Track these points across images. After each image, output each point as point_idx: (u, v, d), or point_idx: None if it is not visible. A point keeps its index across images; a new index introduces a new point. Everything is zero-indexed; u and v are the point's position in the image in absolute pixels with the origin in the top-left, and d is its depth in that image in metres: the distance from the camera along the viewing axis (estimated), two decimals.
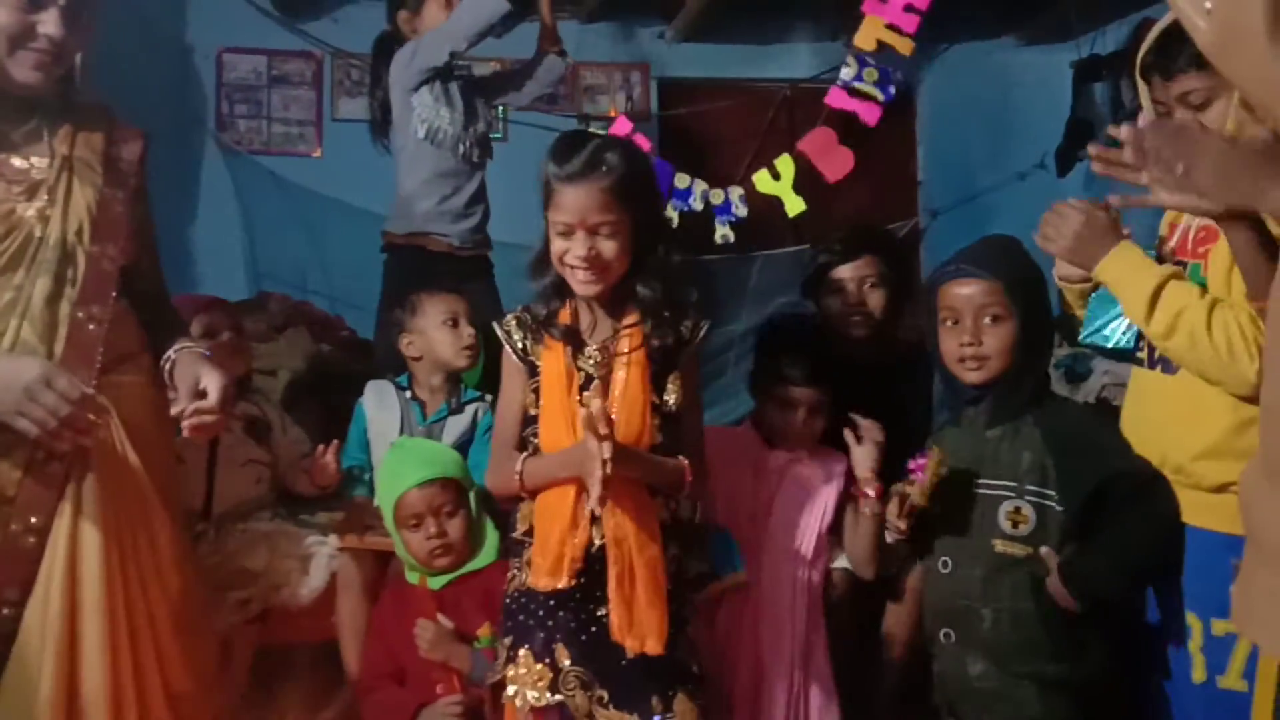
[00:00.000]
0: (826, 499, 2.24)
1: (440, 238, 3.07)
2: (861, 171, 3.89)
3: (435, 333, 2.54)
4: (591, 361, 1.91)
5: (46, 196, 1.67)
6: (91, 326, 1.66)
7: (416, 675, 2.17)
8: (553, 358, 1.91)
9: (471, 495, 2.26)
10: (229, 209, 4.29)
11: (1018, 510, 1.99)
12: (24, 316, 1.62)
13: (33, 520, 1.60)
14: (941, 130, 5.08)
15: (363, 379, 2.66)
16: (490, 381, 2.50)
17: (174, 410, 1.68)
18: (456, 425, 2.53)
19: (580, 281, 1.83)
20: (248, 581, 2.30)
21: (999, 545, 1.92)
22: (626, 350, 1.87)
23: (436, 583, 2.20)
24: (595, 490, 1.71)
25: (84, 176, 1.72)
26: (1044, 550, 1.94)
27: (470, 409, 2.56)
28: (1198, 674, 2.00)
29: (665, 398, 1.92)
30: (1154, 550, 1.91)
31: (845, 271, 2.56)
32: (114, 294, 1.70)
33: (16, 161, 1.68)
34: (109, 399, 1.66)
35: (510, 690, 1.81)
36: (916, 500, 2.01)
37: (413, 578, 2.23)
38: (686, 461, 1.91)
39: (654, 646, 1.86)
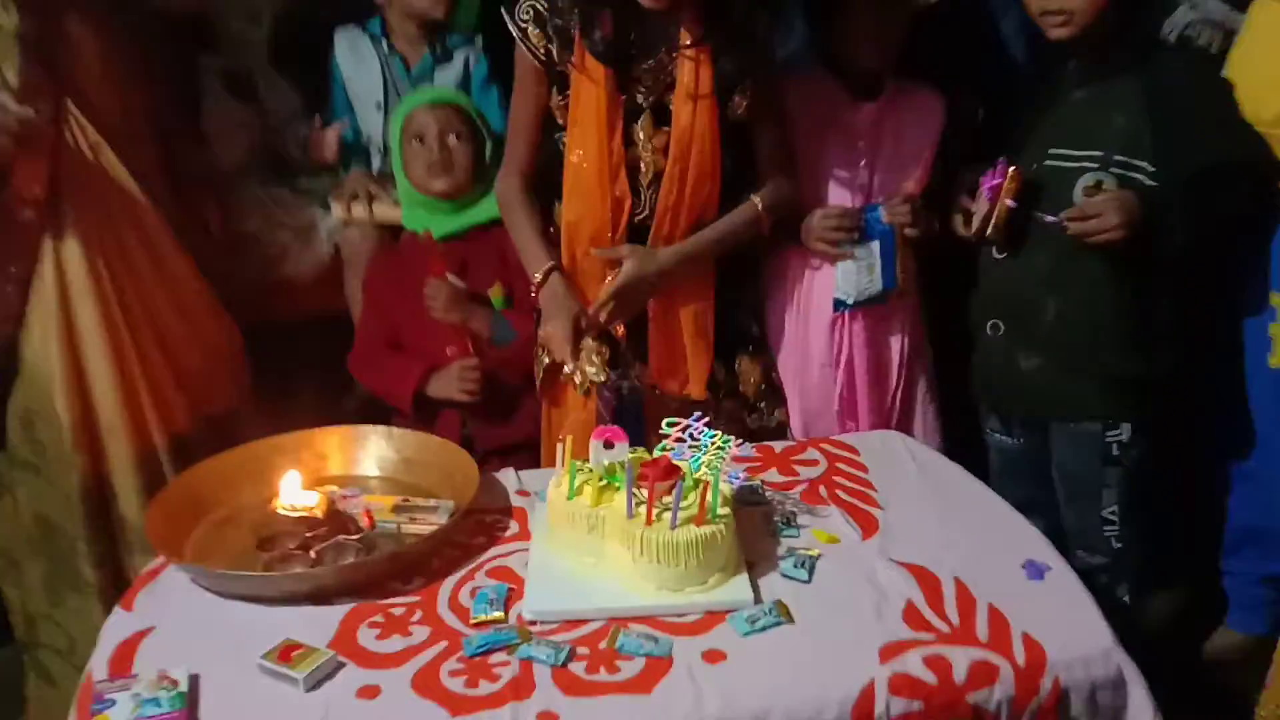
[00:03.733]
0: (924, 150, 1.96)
1: None
2: None
3: None
4: (642, 89, 1.70)
5: None
6: None
7: (418, 342, 2.05)
8: (589, 84, 1.70)
9: (487, 141, 2.08)
10: None
11: (1098, 185, 1.77)
12: None
13: (11, 269, 1.70)
14: None
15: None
16: (484, 24, 2.21)
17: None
18: (445, 76, 2.23)
19: None
20: (245, 249, 2.13)
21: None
22: (691, 79, 1.67)
23: (440, 228, 2.02)
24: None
25: None
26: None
27: (459, 56, 2.24)
28: (1276, 358, 1.90)
29: (732, 114, 1.73)
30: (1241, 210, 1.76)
31: None
32: None
33: None
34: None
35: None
36: (989, 233, 1.80)
37: (413, 222, 2.06)
38: (760, 204, 1.80)
39: (697, 391, 1.79)
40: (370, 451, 1.70)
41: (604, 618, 1.30)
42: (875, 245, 1.91)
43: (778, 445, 1.76)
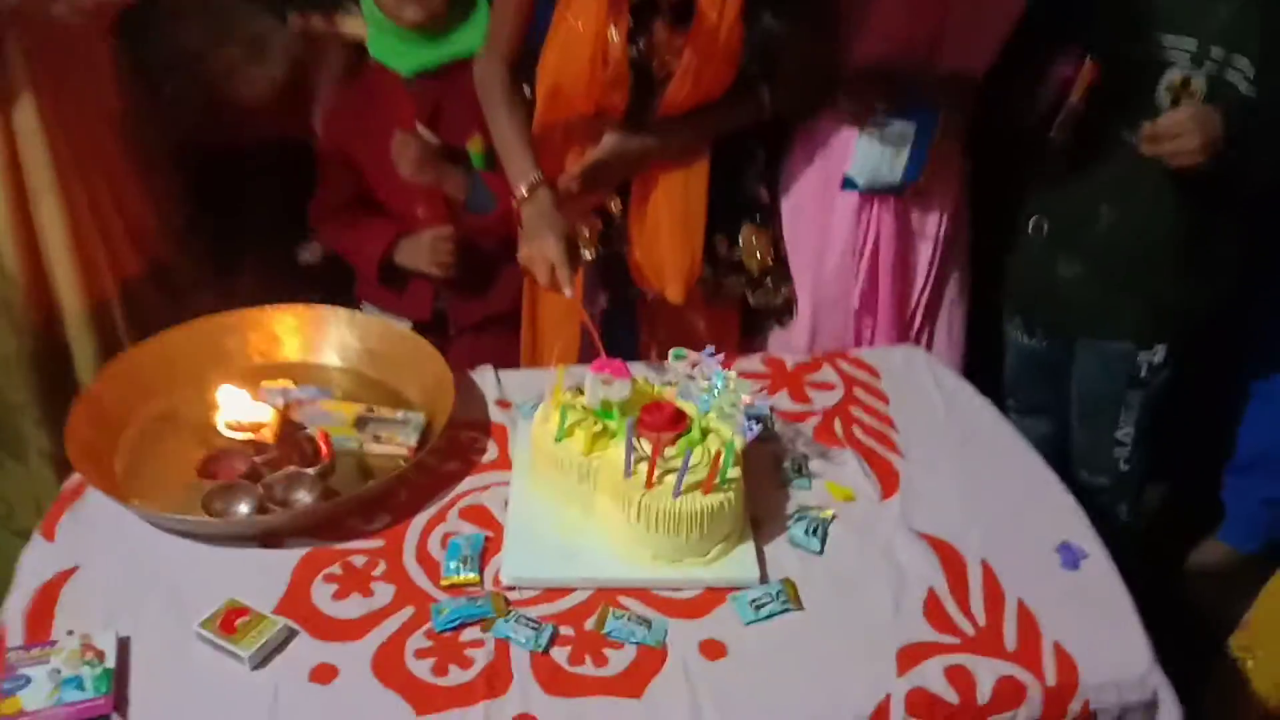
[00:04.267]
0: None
1: None
2: None
3: None
4: None
5: None
6: None
7: (387, 198, 1.80)
8: None
9: None
10: None
11: (1185, 83, 1.52)
12: None
13: None
14: None
15: None
16: None
17: None
18: None
19: None
20: (186, 66, 1.82)
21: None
22: None
23: (410, 61, 1.72)
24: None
25: None
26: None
27: None
28: None
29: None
30: None
31: None
32: None
33: None
34: None
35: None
36: (1054, 132, 1.53)
37: (381, 52, 1.74)
38: (766, 99, 1.55)
39: (674, 293, 1.57)
40: (330, 338, 1.50)
41: (591, 587, 1.16)
42: (911, 127, 1.64)
43: (789, 359, 1.58)
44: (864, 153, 1.66)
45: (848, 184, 1.71)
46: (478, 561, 1.17)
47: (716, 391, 1.24)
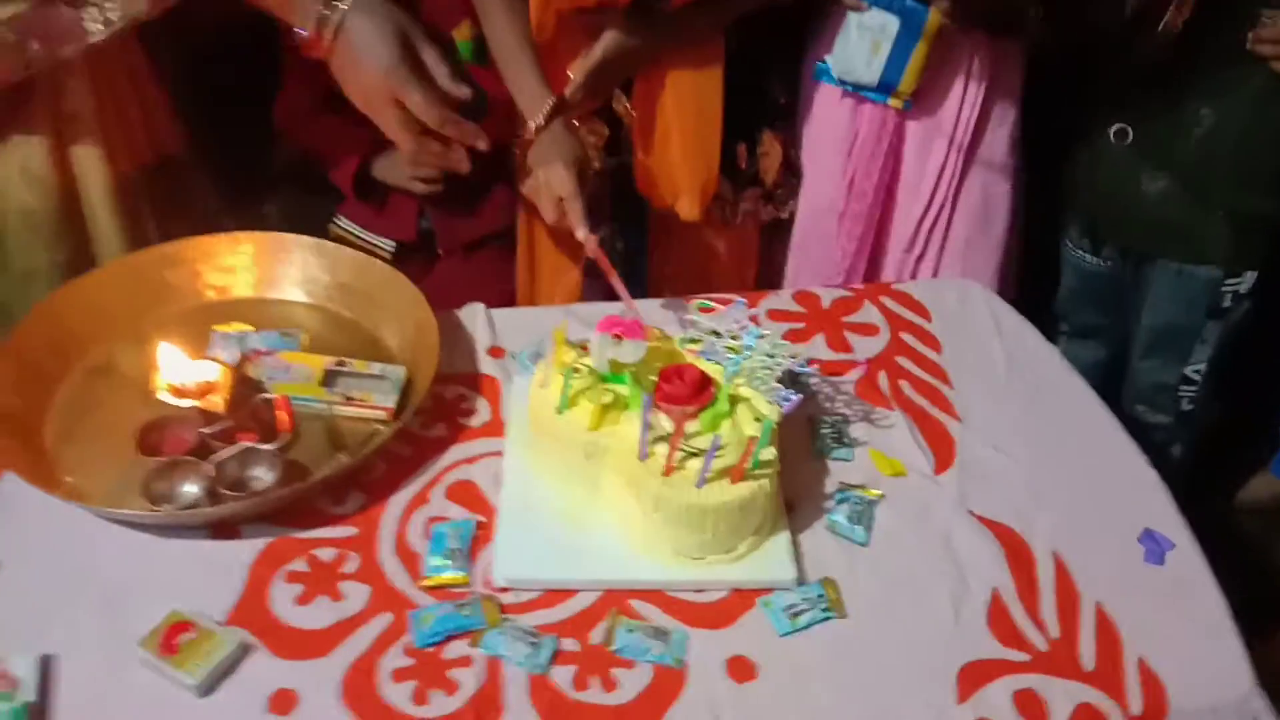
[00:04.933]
0: None
1: None
2: None
3: None
4: None
5: None
6: None
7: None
8: None
9: None
10: None
11: None
12: None
13: None
14: None
15: None
16: None
17: None
18: None
19: None
20: None
21: (1264, 48, 1.25)
22: None
23: None
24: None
25: None
26: None
27: None
28: None
29: None
30: None
31: None
32: None
33: None
34: None
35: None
36: (1160, 30, 1.28)
37: None
38: None
39: (687, 209, 1.34)
40: (294, 270, 1.29)
41: (598, 589, 0.99)
42: (894, 22, 1.40)
43: (825, 295, 1.37)
44: (841, 40, 1.48)
45: (819, 73, 1.50)
46: (466, 556, 1.00)
47: (748, 352, 1.05)
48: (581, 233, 1.11)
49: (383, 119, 1.05)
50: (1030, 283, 1.73)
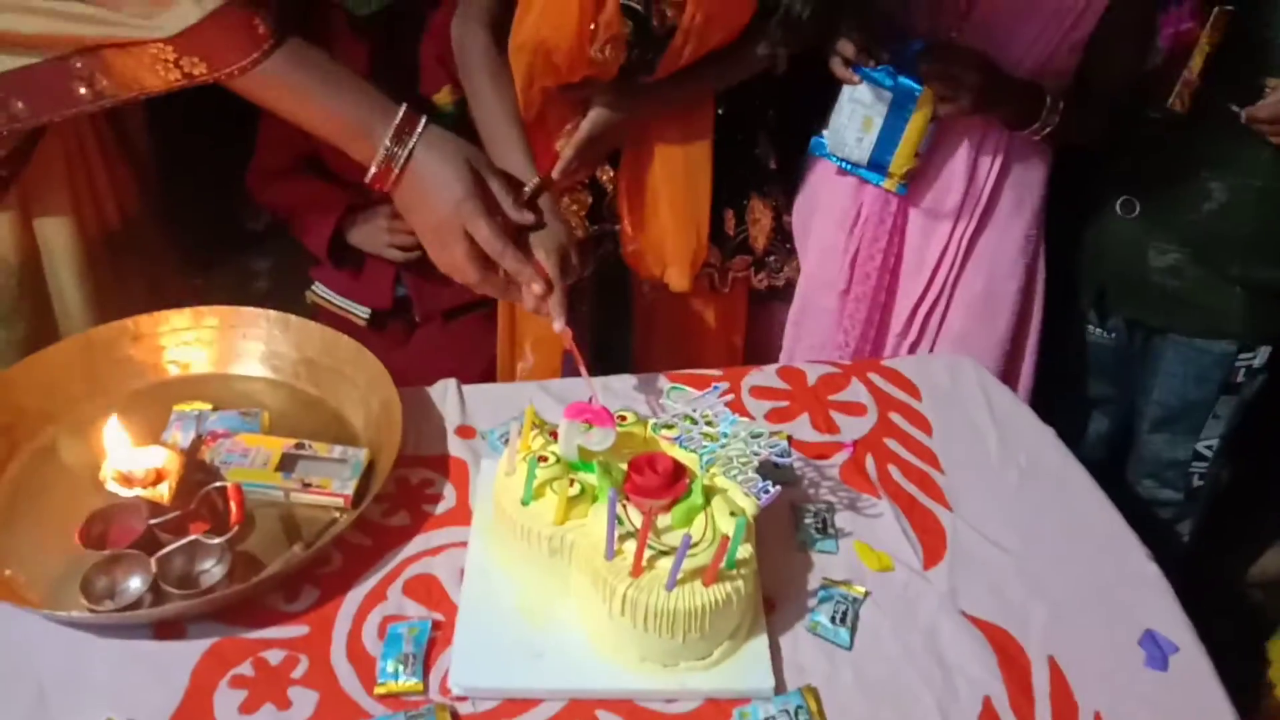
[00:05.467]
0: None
1: None
2: None
3: None
4: None
5: None
6: None
7: (335, 159, 1.51)
8: None
9: None
10: None
11: None
12: None
13: None
14: None
15: None
16: None
17: None
18: None
19: None
20: None
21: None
22: None
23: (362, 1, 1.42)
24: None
25: None
26: None
27: None
28: None
29: None
30: None
31: None
32: None
33: None
34: None
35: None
36: (1171, 101, 1.24)
37: None
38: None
39: (677, 280, 1.31)
40: (258, 344, 1.25)
41: (563, 699, 0.92)
42: (885, 96, 1.34)
43: (811, 372, 1.32)
44: (834, 114, 1.42)
45: (814, 147, 1.46)
46: (421, 661, 0.94)
47: (723, 440, 1.00)
48: (559, 325, 1.06)
49: (452, 253, 1.02)
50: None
